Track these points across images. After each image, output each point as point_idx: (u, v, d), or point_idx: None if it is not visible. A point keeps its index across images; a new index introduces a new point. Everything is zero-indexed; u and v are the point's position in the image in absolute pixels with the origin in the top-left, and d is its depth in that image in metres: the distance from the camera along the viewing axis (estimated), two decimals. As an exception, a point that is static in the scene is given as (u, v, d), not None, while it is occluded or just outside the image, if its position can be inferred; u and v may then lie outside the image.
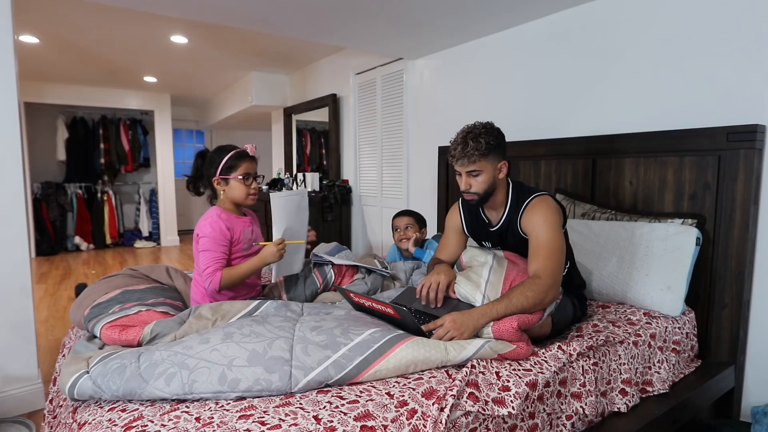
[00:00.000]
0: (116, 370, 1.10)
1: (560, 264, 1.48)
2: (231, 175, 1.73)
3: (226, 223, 1.71)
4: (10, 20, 2.09)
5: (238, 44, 4.03)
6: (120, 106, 6.43)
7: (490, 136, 1.54)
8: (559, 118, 2.50)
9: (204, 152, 1.84)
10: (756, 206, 1.80)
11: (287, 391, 1.11)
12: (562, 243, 1.52)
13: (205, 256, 1.66)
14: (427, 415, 1.06)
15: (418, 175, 3.51)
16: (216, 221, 1.70)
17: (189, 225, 8.27)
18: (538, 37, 2.59)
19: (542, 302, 1.41)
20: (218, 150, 1.78)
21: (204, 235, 1.68)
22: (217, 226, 1.69)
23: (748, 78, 1.81)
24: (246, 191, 1.75)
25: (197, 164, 1.84)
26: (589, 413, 1.35)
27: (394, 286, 2.11)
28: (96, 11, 3.20)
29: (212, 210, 1.75)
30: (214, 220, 1.70)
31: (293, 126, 5.25)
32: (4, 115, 2.09)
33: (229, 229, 1.71)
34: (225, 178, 1.74)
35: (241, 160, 1.74)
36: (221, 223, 1.70)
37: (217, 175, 1.74)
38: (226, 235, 1.69)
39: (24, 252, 2.18)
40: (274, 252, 1.68)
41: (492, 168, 1.56)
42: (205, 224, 1.70)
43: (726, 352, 1.86)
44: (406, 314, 1.36)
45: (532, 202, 1.57)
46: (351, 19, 2.62)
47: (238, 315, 1.46)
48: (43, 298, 4.16)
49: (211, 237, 1.67)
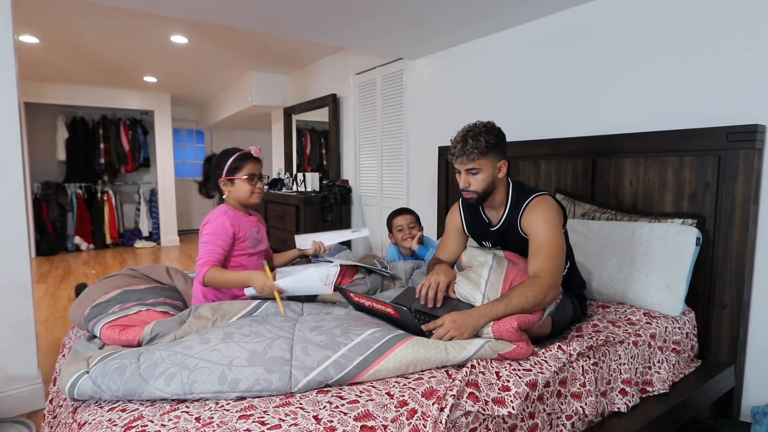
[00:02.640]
0: (116, 370, 1.10)
1: (560, 264, 1.48)
2: (236, 176, 1.77)
3: (232, 220, 1.74)
4: (10, 20, 2.09)
5: (238, 44, 4.03)
6: (120, 106, 6.43)
7: (490, 135, 1.54)
8: (559, 118, 2.50)
9: (210, 157, 1.87)
10: (756, 206, 1.80)
11: (287, 391, 1.11)
12: (563, 243, 1.52)
13: (202, 248, 1.69)
14: (427, 415, 1.06)
15: (418, 175, 3.51)
16: (221, 217, 1.72)
17: (189, 225, 8.28)
18: (538, 37, 2.59)
19: (542, 302, 1.41)
20: (224, 153, 1.82)
21: (207, 228, 1.72)
22: (221, 221, 1.71)
23: (748, 78, 1.81)
24: (251, 190, 1.78)
25: (205, 169, 1.88)
26: (589, 413, 1.35)
27: (394, 286, 2.10)
28: (96, 11, 3.20)
29: (221, 207, 1.79)
30: (219, 215, 1.73)
31: (293, 126, 5.25)
32: (4, 115, 2.09)
33: (234, 225, 1.74)
34: (230, 178, 1.78)
35: (245, 161, 1.78)
36: (226, 220, 1.72)
37: (223, 176, 1.78)
38: (228, 233, 1.71)
39: (24, 252, 2.18)
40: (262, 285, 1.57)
41: (491, 167, 1.56)
42: (211, 218, 1.74)
43: (726, 352, 1.86)
44: (406, 314, 1.36)
45: (532, 202, 1.57)
46: (351, 19, 2.62)
47: (238, 315, 1.46)
48: (43, 298, 4.16)
49: (212, 231, 1.70)
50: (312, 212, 4.01)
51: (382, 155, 3.91)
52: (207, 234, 1.70)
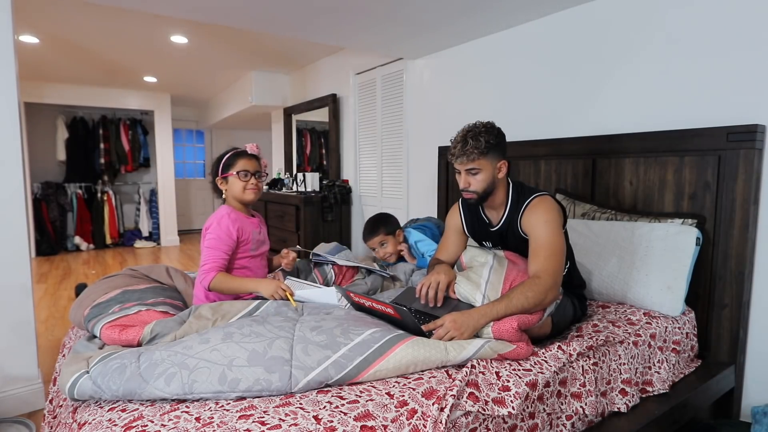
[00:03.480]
0: (116, 370, 1.10)
1: (561, 264, 1.48)
2: (229, 173, 1.77)
3: (235, 223, 1.73)
4: (10, 20, 2.09)
5: (238, 44, 4.03)
6: (120, 106, 6.42)
7: (490, 135, 1.54)
8: (559, 118, 2.50)
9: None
10: (756, 206, 1.80)
11: (287, 391, 1.11)
12: (563, 243, 1.52)
13: (206, 252, 1.68)
14: (427, 415, 1.06)
15: (418, 175, 3.51)
16: (224, 220, 1.72)
17: (189, 225, 8.27)
18: (538, 37, 2.59)
19: (542, 302, 1.41)
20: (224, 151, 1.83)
21: (210, 232, 1.71)
22: (225, 224, 1.71)
23: (748, 78, 1.81)
24: (243, 186, 1.76)
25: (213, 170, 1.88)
26: (589, 413, 1.35)
27: (393, 286, 2.11)
28: (96, 11, 3.20)
29: (222, 208, 1.78)
30: (222, 218, 1.73)
31: (293, 126, 5.25)
32: (4, 115, 2.09)
33: (238, 229, 1.73)
34: (225, 176, 1.78)
35: (238, 158, 1.78)
36: (229, 223, 1.72)
37: (219, 175, 1.78)
38: (231, 236, 1.71)
39: (24, 252, 2.18)
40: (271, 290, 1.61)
41: (491, 167, 1.56)
42: (214, 221, 1.73)
43: (726, 352, 1.86)
44: (407, 314, 1.36)
45: (532, 202, 1.57)
46: (351, 19, 2.62)
47: (238, 315, 1.46)
48: (43, 298, 4.16)
49: (216, 235, 1.70)
50: (312, 212, 4.01)
51: (382, 155, 3.91)
52: (211, 239, 1.69)
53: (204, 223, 1.79)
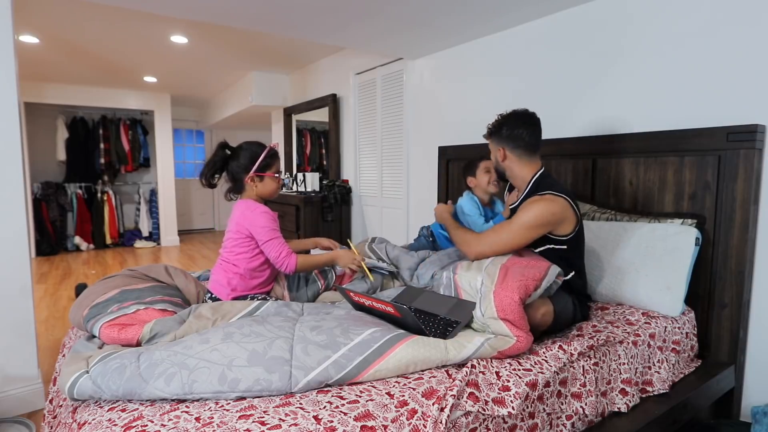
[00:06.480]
0: (116, 369, 1.10)
1: (502, 247, 1.62)
2: (267, 173, 1.81)
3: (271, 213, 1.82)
4: (10, 20, 2.09)
5: (238, 44, 4.03)
6: (120, 106, 6.43)
7: (501, 120, 1.73)
8: (559, 118, 2.50)
9: (226, 144, 1.84)
10: (756, 206, 1.80)
11: (287, 391, 1.11)
12: (521, 241, 1.62)
13: (274, 243, 1.75)
14: (427, 415, 1.06)
15: (418, 175, 3.51)
16: (266, 209, 1.79)
17: (189, 225, 8.27)
18: (537, 37, 2.59)
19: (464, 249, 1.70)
20: (255, 146, 1.81)
21: (262, 225, 1.75)
22: (270, 214, 1.79)
23: (748, 78, 1.81)
24: (278, 187, 1.86)
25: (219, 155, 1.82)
26: (589, 413, 1.35)
27: (393, 285, 2.10)
28: (96, 11, 3.20)
29: (249, 202, 1.80)
30: (263, 208, 1.78)
31: (293, 126, 5.25)
32: (4, 115, 2.09)
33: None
34: (260, 174, 1.81)
35: (274, 159, 1.84)
36: (269, 212, 1.79)
37: (254, 172, 1.79)
38: (277, 221, 1.80)
39: (24, 252, 2.18)
40: (348, 260, 1.84)
41: (495, 149, 1.76)
42: (257, 215, 1.76)
43: (726, 352, 1.86)
44: (407, 313, 1.36)
45: (540, 196, 1.65)
46: (351, 19, 2.62)
47: (238, 315, 1.46)
48: (43, 298, 4.16)
49: (269, 226, 1.76)
50: (312, 212, 4.01)
51: (382, 155, 3.91)
52: (270, 229, 1.75)
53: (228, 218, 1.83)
